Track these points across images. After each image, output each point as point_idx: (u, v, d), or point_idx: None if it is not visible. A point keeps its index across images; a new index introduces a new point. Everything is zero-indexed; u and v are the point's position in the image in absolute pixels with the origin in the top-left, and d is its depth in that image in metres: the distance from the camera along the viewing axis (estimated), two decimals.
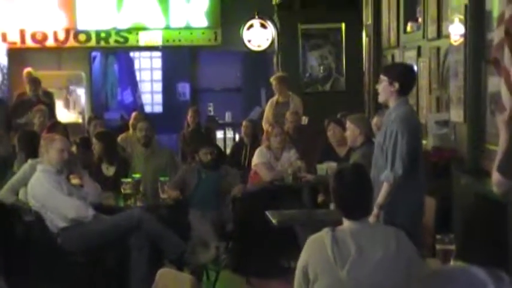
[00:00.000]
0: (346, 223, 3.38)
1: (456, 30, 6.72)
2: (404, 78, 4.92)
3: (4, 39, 12.12)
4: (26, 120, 9.09)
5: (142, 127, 7.56)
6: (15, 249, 6.30)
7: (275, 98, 9.59)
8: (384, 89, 4.92)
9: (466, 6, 6.42)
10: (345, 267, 3.20)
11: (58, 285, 6.22)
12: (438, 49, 7.39)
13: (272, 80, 9.63)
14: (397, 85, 4.85)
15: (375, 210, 4.63)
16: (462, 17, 6.53)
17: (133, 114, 9.42)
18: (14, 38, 12.16)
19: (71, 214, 6.00)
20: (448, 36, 6.96)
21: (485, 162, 6.14)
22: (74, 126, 10.86)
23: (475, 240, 5.45)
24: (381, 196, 4.72)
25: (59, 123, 8.58)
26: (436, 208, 5.50)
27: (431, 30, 7.52)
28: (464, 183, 6.16)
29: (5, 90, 11.69)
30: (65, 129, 8.22)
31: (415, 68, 7.81)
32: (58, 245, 6.01)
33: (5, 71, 11.92)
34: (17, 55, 12.06)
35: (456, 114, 6.75)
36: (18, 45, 12.19)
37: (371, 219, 4.27)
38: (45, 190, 6.02)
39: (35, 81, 10.06)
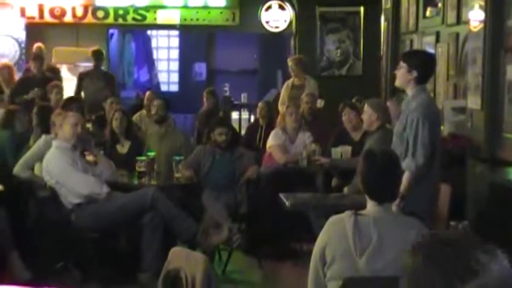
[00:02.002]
0: (370, 207, 3.35)
1: (476, 16, 6.65)
2: (423, 67, 4.87)
3: (22, 14, 12.14)
4: (32, 95, 9.07)
5: (156, 104, 7.59)
6: (29, 224, 6.34)
7: (291, 80, 9.56)
8: (402, 75, 4.87)
9: None
10: (363, 255, 3.17)
11: (70, 261, 6.26)
12: (457, 35, 7.32)
13: (289, 61, 9.59)
14: (415, 73, 4.81)
15: (397, 200, 4.60)
16: (482, 3, 6.46)
17: (147, 94, 9.43)
18: (32, 12, 12.18)
19: (85, 191, 6.02)
20: (467, 22, 6.89)
21: (501, 150, 6.10)
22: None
23: (488, 229, 5.41)
24: (403, 186, 4.68)
25: (74, 98, 8.58)
26: (450, 195, 5.47)
27: (451, 16, 7.45)
28: (479, 172, 6.12)
29: (22, 65, 11.71)
30: (80, 105, 8.24)
31: (434, 53, 7.76)
32: (71, 221, 6.04)
33: (23, 45, 11.95)
34: (35, 30, 12.07)
35: (473, 101, 6.70)
36: (37, 20, 12.20)
37: (393, 208, 4.23)
38: (60, 166, 6.04)
39: (39, 58, 10.05)
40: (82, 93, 10.27)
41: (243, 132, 10.53)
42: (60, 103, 8.29)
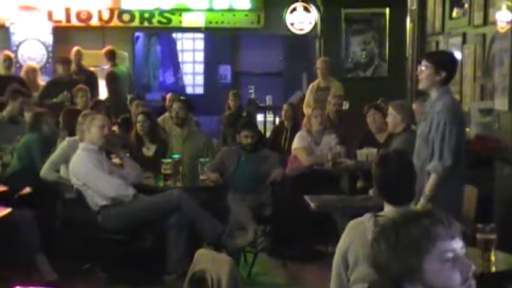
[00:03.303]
0: (388, 209, 3.33)
1: (503, 17, 6.59)
2: (451, 67, 4.82)
3: (50, 17, 12.23)
4: (61, 99, 9.15)
5: (175, 107, 7.57)
6: (56, 225, 6.38)
7: (316, 82, 9.53)
8: (428, 77, 4.75)
9: None
10: None
11: (97, 262, 6.29)
12: (484, 36, 7.26)
13: (320, 62, 9.56)
14: (444, 74, 4.72)
15: (422, 201, 4.57)
16: (510, 3, 6.40)
17: (168, 95, 9.44)
18: (59, 16, 12.27)
19: (112, 193, 6.05)
20: (494, 23, 6.83)
21: None
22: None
23: None
24: (428, 187, 4.65)
25: (101, 101, 8.64)
26: (477, 198, 5.42)
27: (478, 17, 7.38)
28: (507, 174, 6.06)
29: (49, 68, 11.80)
30: (107, 108, 8.30)
31: (459, 55, 7.71)
32: (98, 222, 6.07)
33: (50, 49, 12.05)
34: (61, 33, 12.17)
35: (501, 103, 6.63)
36: (63, 23, 12.29)
37: None
38: (87, 168, 6.07)
39: (66, 62, 10.15)
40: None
41: (268, 134, 10.52)
42: (88, 106, 8.35)
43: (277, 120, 11.79)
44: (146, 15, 12.44)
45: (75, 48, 10.97)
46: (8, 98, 8.11)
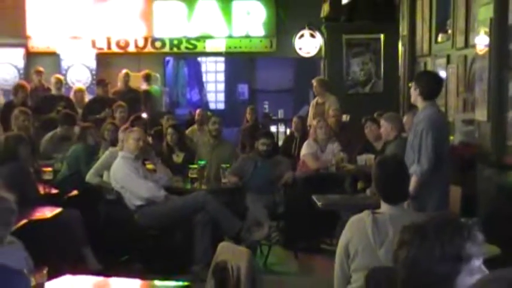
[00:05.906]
0: (385, 207, 3.32)
1: (482, 41, 6.56)
2: (425, 84, 4.89)
3: (93, 45, 12.32)
4: (105, 115, 9.19)
5: (216, 121, 7.52)
6: (99, 223, 6.40)
7: (315, 99, 9.56)
8: (412, 92, 4.95)
9: (491, 19, 6.26)
10: (382, 247, 3.14)
11: (134, 254, 6.29)
12: (465, 57, 7.22)
13: (313, 81, 9.60)
14: (418, 89, 4.83)
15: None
16: (487, 29, 6.38)
17: (198, 111, 9.47)
18: (102, 44, 12.35)
19: (146, 194, 6.06)
20: (474, 46, 6.80)
21: (506, 157, 5.99)
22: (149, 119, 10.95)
23: (496, 225, 5.31)
24: (411, 187, 4.66)
25: (140, 117, 8.66)
26: (461, 197, 5.38)
27: (460, 41, 7.36)
28: (487, 175, 6.02)
29: (93, 88, 11.87)
30: (145, 123, 8.33)
31: (444, 74, 7.68)
32: (135, 220, 6.08)
33: (93, 72, 12.13)
34: (103, 59, 12.24)
35: (481, 114, 6.60)
36: (105, 50, 12.37)
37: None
38: (125, 173, 6.09)
39: (104, 84, 10.21)
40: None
41: (280, 143, 10.51)
42: (124, 121, 8.36)
43: (288, 130, 11.77)
44: (175, 42, 12.49)
45: (124, 71, 10.99)
46: (59, 120, 8.11)
